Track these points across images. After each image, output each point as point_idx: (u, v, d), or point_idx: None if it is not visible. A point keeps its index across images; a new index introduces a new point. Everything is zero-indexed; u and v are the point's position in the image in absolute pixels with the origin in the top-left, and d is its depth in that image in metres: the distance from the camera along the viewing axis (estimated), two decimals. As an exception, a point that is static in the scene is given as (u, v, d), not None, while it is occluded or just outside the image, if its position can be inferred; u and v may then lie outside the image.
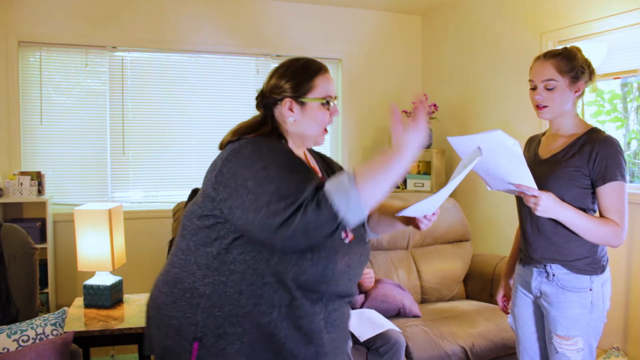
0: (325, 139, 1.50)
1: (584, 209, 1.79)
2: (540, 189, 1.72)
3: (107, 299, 2.76)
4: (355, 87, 5.03)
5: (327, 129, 1.46)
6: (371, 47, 5.07)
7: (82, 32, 4.23)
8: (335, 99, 1.44)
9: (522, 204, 1.92)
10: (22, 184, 3.86)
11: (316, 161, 1.57)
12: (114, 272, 2.87)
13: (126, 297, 2.94)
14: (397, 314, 3.01)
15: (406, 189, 4.59)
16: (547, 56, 1.85)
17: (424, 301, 3.41)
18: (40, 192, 3.96)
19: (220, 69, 4.67)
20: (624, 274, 3.20)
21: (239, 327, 1.30)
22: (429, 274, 3.43)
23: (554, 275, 1.84)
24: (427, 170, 4.63)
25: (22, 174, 3.92)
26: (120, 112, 4.39)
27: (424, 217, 1.50)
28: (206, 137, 4.57)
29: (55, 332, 2.13)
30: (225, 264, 1.31)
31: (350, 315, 1.49)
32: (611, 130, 3.46)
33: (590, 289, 1.80)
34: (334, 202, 1.15)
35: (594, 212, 1.84)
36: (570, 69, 1.81)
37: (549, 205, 1.71)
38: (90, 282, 2.80)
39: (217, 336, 1.30)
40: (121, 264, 2.90)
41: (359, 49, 5.03)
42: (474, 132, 1.57)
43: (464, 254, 3.54)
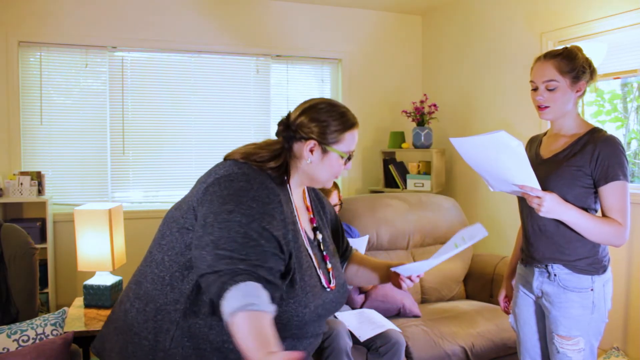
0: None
1: (585, 209, 1.79)
2: (542, 189, 1.72)
3: (107, 299, 2.76)
4: (355, 87, 5.03)
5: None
6: (371, 47, 5.07)
7: (82, 32, 4.22)
8: (353, 153, 1.44)
9: (523, 204, 1.91)
10: (22, 184, 3.86)
11: (311, 199, 1.57)
12: (114, 272, 2.87)
13: (126, 297, 2.94)
14: (397, 314, 3.01)
15: (406, 189, 4.59)
16: (548, 56, 1.84)
17: (424, 301, 3.41)
18: (40, 192, 3.96)
19: (220, 69, 4.66)
20: (625, 274, 3.20)
21: None
22: (429, 273, 3.42)
23: (555, 275, 1.84)
24: (427, 170, 4.63)
25: (22, 174, 3.91)
26: (120, 112, 4.39)
27: (409, 277, 1.55)
28: (206, 137, 4.56)
29: (55, 332, 2.13)
30: (198, 294, 1.28)
31: (318, 343, 1.49)
32: (611, 130, 3.46)
33: (591, 289, 1.80)
34: (223, 301, 1.12)
35: (596, 211, 1.84)
36: (571, 69, 1.81)
37: (552, 205, 1.71)
38: (90, 282, 2.80)
39: None
40: (121, 264, 2.90)
41: (359, 49, 5.03)
42: (473, 132, 1.58)
43: (464, 254, 3.54)
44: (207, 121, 4.58)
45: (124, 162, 4.43)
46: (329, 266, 1.48)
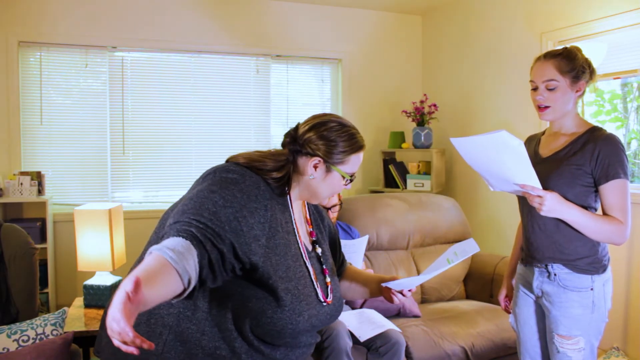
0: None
1: (586, 207, 1.79)
2: (542, 188, 1.72)
3: (107, 299, 2.75)
4: (355, 87, 5.03)
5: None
6: (371, 47, 5.07)
7: (82, 32, 4.23)
8: (355, 176, 1.45)
9: (524, 203, 1.91)
10: (22, 184, 3.86)
11: (310, 213, 1.57)
12: (114, 272, 2.87)
13: (126, 297, 2.94)
14: (397, 314, 3.01)
15: (406, 189, 4.59)
16: (548, 56, 1.85)
17: (424, 301, 3.41)
18: (40, 192, 3.96)
19: (220, 69, 4.66)
20: (624, 274, 3.20)
21: None
22: (429, 274, 3.43)
23: (555, 274, 1.84)
24: (427, 170, 4.63)
25: (22, 174, 3.91)
26: (120, 112, 4.39)
27: (401, 291, 1.56)
28: (206, 137, 4.56)
29: (55, 332, 2.13)
30: (192, 299, 1.26)
31: (310, 353, 1.49)
32: (611, 130, 3.45)
33: (591, 289, 1.80)
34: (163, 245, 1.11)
35: (596, 210, 1.84)
36: (571, 68, 1.81)
37: (553, 204, 1.71)
38: (90, 282, 2.80)
39: None
40: (121, 264, 2.90)
41: (359, 49, 5.03)
42: (473, 132, 1.58)
43: (464, 254, 3.54)
44: (207, 121, 4.59)
45: (124, 162, 4.43)
46: (327, 280, 1.48)
